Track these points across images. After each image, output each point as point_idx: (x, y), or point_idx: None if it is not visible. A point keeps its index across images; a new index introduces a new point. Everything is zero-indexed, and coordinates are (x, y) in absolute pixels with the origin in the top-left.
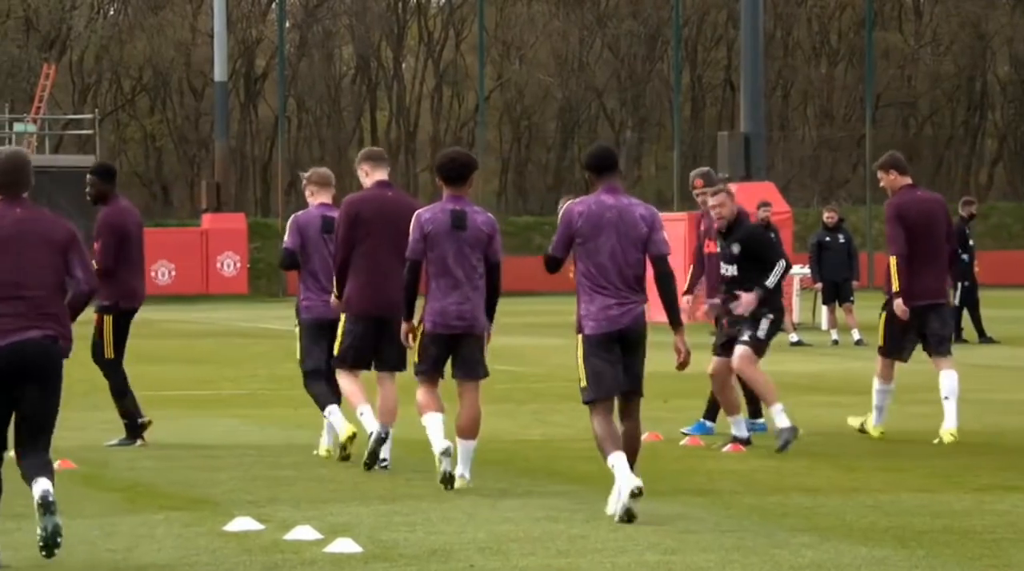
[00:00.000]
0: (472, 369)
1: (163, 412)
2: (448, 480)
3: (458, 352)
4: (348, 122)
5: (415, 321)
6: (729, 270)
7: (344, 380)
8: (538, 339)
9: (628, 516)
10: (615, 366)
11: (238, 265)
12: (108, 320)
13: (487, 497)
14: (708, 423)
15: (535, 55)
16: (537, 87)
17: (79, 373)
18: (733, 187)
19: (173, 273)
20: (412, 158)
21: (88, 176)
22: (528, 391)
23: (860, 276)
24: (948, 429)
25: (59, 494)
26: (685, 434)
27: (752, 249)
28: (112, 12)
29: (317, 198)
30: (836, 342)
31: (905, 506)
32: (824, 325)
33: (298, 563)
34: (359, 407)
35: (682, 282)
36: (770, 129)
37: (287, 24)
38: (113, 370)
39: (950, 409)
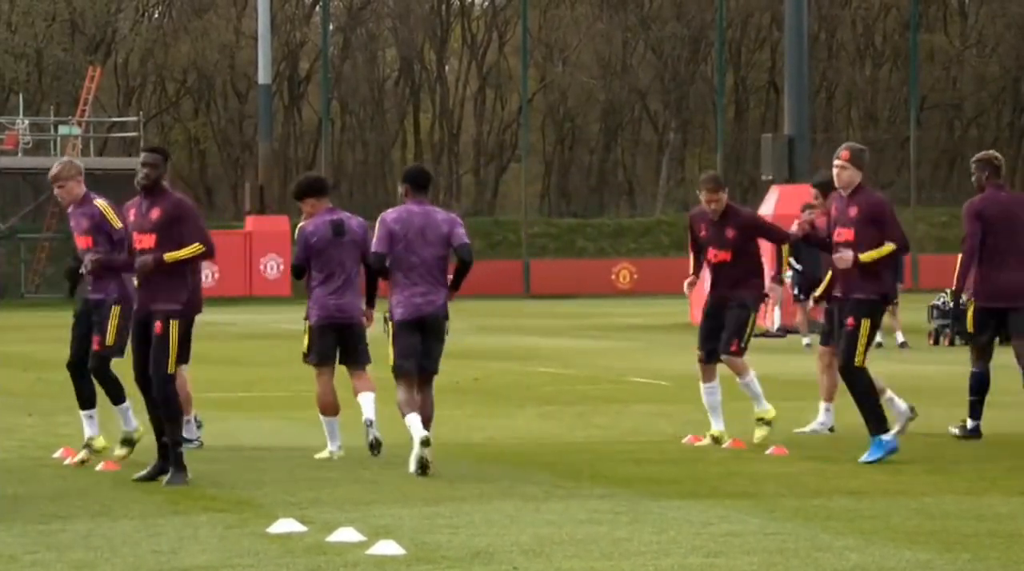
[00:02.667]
0: (358, 357)
1: (207, 414)
2: (373, 446)
3: (343, 342)
4: (391, 124)
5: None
6: None
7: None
8: (582, 341)
9: (422, 466)
10: (417, 346)
11: (281, 267)
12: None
13: (530, 500)
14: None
15: (578, 57)
16: (580, 89)
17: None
18: (776, 189)
19: (216, 275)
20: (455, 160)
21: (151, 155)
22: (572, 393)
23: (905, 278)
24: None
25: (104, 496)
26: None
27: None
28: (157, 15)
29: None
30: (880, 344)
31: (950, 509)
32: None
33: (341, 565)
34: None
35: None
36: (814, 131)
37: (331, 27)
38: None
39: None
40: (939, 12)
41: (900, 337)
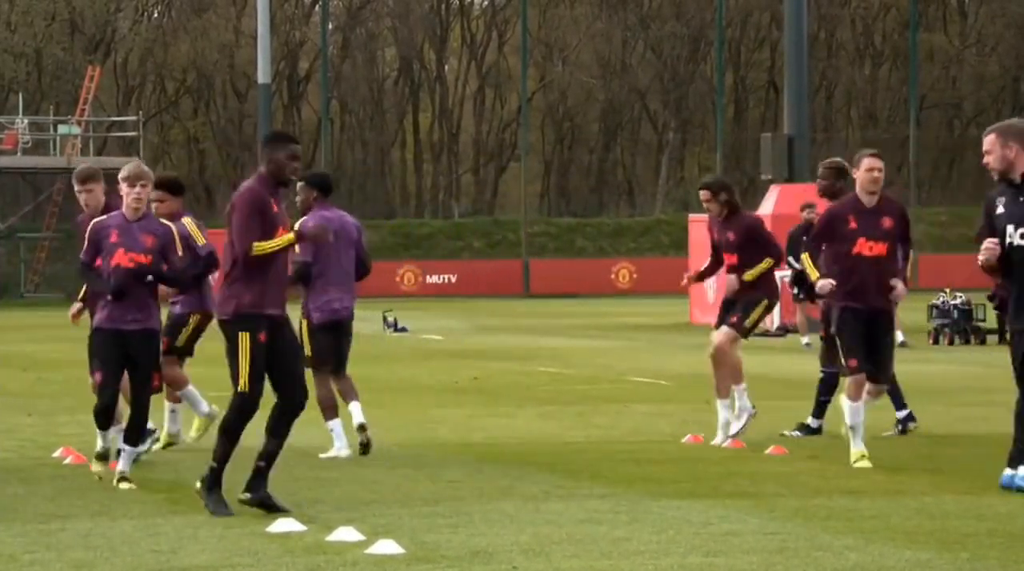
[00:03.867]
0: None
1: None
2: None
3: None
4: (391, 124)
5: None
6: None
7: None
8: (582, 341)
9: (365, 448)
10: (333, 346)
11: None
12: None
13: (530, 499)
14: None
15: (578, 57)
16: (580, 89)
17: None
18: (776, 189)
19: (215, 275)
20: (455, 160)
21: (298, 146)
22: (572, 393)
23: (905, 278)
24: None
25: (103, 495)
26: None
27: None
28: (156, 14)
29: None
30: None
31: (949, 509)
32: None
33: (340, 564)
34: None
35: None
36: (813, 131)
37: (330, 26)
38: None
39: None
40: (939, 11)
41: (900, 336)
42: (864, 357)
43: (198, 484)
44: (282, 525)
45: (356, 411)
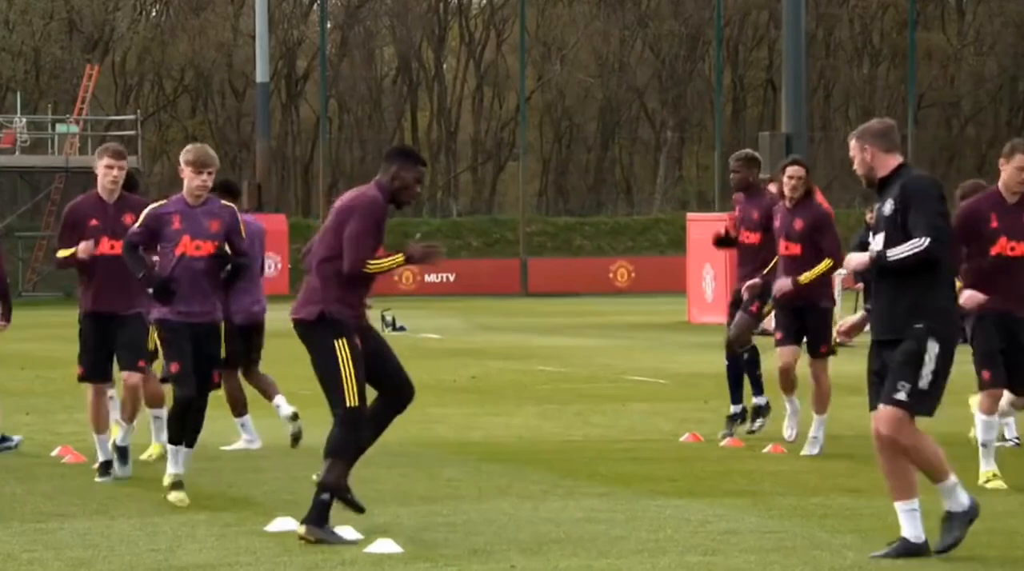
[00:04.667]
0: None
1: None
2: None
3: None
4: (389, 123)
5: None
6: None
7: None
8: (580, 340)
9: (296, 439)
10: (250, 345)
11: (279, 265)
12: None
13: (528, 498)
14: None
15: (576, 55)
16: (578, 87)
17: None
18: (773, 188)
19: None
20: (453, 158)
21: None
22: (570, 392)
23: None
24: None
25: (102, 494)
26: None
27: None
28: (154, 13)
29: None
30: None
31: None
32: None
33: (338, 563)
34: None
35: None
36: (811, 129)
37: (328, 25)
38: None
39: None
40: (937, 10)
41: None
42: (999, 369)
43: (302, 529)
44: (280, 524)
45: (283, 403)
